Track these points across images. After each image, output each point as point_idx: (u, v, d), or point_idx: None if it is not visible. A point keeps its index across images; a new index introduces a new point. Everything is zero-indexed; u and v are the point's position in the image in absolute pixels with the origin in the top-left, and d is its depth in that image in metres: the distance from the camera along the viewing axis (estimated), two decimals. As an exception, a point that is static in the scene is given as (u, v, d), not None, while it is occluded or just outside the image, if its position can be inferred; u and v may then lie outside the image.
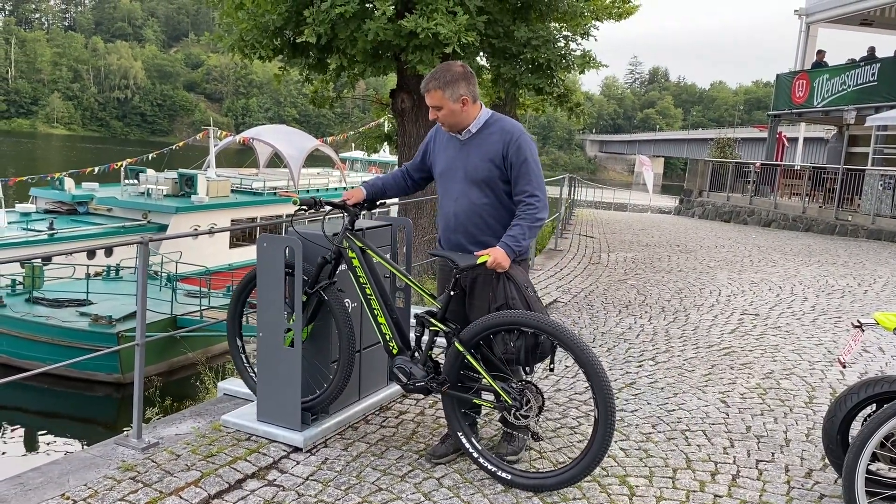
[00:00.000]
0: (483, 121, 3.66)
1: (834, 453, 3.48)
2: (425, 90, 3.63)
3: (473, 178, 3.63)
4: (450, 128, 3.69)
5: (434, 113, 3.65)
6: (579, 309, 7.43)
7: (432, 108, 3.65)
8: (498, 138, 3.60)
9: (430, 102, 3.64)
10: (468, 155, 3.65)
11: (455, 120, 3.63)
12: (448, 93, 3.57)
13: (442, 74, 3.60)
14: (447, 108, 3.59)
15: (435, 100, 3.60)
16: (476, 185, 3.63)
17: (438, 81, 3.58)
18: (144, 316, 3.89)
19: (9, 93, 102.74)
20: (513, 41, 9.21)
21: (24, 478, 3.40)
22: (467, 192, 3.65)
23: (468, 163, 3.64)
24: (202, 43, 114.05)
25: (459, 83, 3.58)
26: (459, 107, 3.59)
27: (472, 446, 3.53)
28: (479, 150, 3.62)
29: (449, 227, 3.74)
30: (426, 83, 3.63)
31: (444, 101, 3.58)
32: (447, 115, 3.62)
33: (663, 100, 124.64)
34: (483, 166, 3.60)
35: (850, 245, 13.75)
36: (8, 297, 14.13)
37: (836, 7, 20.09)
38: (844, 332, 6.63)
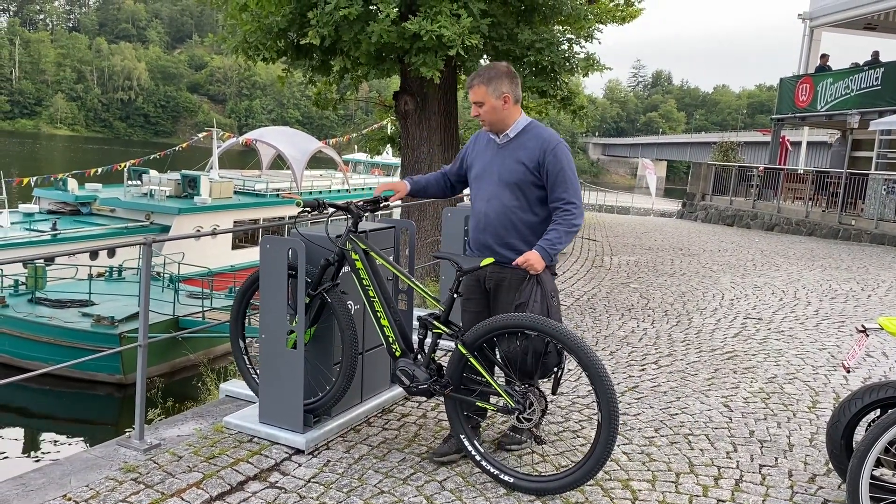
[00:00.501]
0: (522, 126, 3.71)
1: (838, 458, 3.47)
2: (469, 86, 3.71)
3: (507, 180, 3.66)
4: (490, 126, 3.72)
5: (476, 109, 3.70)
6: (582, 312, 7.42)
7: (474, 105, 3.70)
8: (535, 144, 3.64)
9: (472, 98, 3.70)
10: (504, 158, 3.69)
11: (496, 117, 3.67)
12: (491, 89, 3.62)
13: (486, 71, 3.70)
14: (489, 104, 3.64)
15: (478, 95, 3.66)
16: (508, 188, 3.67)
17: (482, 77, 3.66)
18: (147, 317, 3.89)
19: (13, 93, 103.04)
20: (516, 44, 9.21)
21: (26, 478, 3.40)
22: (499, 193, 3.68)
23: (503, 166, 3.69)
24: (206, 44, 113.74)
25: (503, 80, 3.64)
26: (501, 104, 3.64)
27: (474, 449, 3.52)
28: (515, 155, 3.66)
29: (479, 226, 3.77)
30: (471, 79, 3.72)
31: (486, 96, 3.63)
32: (489, 111, 3.66)
33: (666, 103, 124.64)
34: (517, 169, 3.64)
35: (854, 249, 13.73)
36: (11, 298, 14.14)
37: (839, 11, 20.07)
38: (848, 336, 6.61)
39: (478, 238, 3.78)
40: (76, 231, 18.71)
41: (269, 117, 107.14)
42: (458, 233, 5.50)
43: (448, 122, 10.35)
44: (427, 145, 10.09)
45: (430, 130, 10.09)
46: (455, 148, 10.58)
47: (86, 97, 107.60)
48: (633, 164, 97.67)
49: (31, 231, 18.23)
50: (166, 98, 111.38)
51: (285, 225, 13.31)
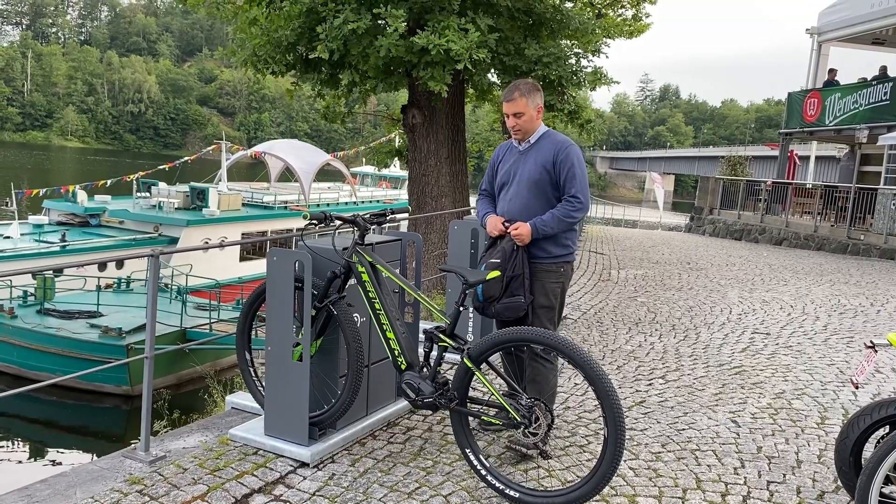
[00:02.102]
0: (540, 133, 4.10)
1: (846, 475, 3.44)
2: (509, 99, 4.01)
3: (527, 180, 4.02)
4: (523, 135, 4.07)
5: (514, 120, 4.03)
6: (589, 326, 7.40)
7: (512, 116, 4.02)
8: (550, 147, 4.02)
9: (512, 110, 4.01)
10: (525, 162, 4.07)
11: (529, 127, 4.05)
12: (530, 101, 3.99)
13: (524, 85, 4.04)
14: (528, 114, 4.00)
15: (519, 107, 3.99)
16: (528, 187, 4.02)
17: (522, 90, 4.00)
18: (154, 328, 3.90)
19: (24, 106, 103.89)
20: (524, 58, 9.23)
21: (32, 489, 3.40)
22: (521, 192, 4.04)
23: (524, 168, 4.06)
24: (215, 58, 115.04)
25: (537, 94, 4.05)
26: (535, 114, 4.03)
27: (479, 464, 3.51)
28: (534, 158, 4.03)
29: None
30: (510, 93, 4.02)
31: (526, 108, 3.99)
32: (526, 121, 4.02)
33: (674, 117, 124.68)
34: (536, 170, 4.00)
35: (863, 264, 13.66)
36: (19, 309, 14.20)
37: (847, 26, 20.08)
38: (857, 352, 6.57)
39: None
40: (85, 242, 18.79)
41: (278, 130, 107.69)
42: (464, 246, 5.50)
43: (456, 136, 10.38)
44: (434, 158, 10.12)
45: (438, 143, 10.11)
46: (462, 161, 10.60)
47: (96, 110, 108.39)
48: (641, 177, 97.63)
49: (40, 242, 18.32)
50: (176, 111, 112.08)
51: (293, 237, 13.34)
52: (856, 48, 21.82)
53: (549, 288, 4.03)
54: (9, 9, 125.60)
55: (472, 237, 5.46)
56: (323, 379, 3.90)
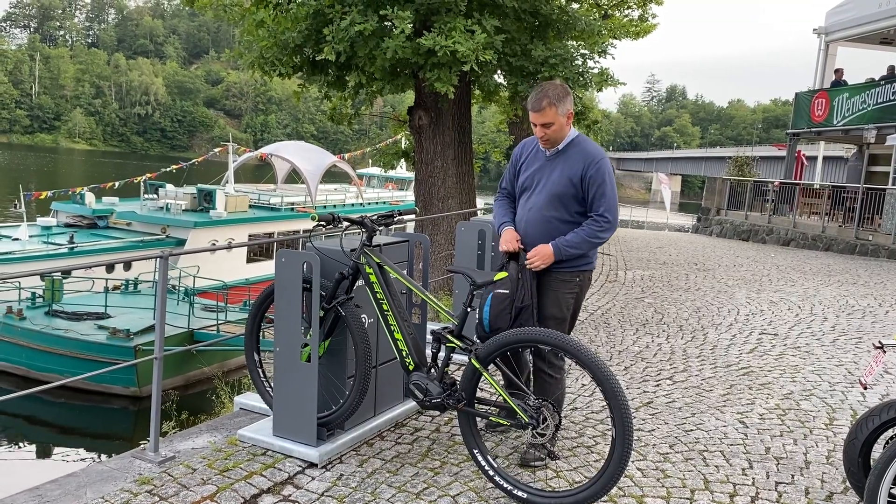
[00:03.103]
0: (570, 139, 3.78)
1: (855, 476, 3.43)
2: (538, 109, 3.67)
3: (550, 191, 3.78)
4: (552, 144, 3.77)
5: (542, 130, 3.72)
6: (596, 327, 7.40)
7: (541, 126, 3.71)
8: (580, 159, 3.74)
9: (541, 120, 3.69)
10: (552, 170, 3.80)
11: (560, 135, 3.75)
12: (560, 108, 3.67)
13: (553, 92, 3.68)
14: (558, 123, 3.69)
15: (549, 117, 3.67)
16: (550, 198, 3.78)
17: (551, 99, 3.66)
18: (163, 330, 3.92)
19: (32, 108, 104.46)
20: (530, 59, 9.24)
21: (42, 489, 3.42)
22: (542, 203, 3.80)
23: (550, 177, 3.80)
24: (222, 60, 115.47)
25: (567, 99, 3.71)
26: (565, 121, 3.72)
27: (487, 464, 3.51)
28: (562, 168, 3.77)
29: (525, 234, 3.86)
30: (538, 102, 3.66)
31: (556, 117, 3.67)
32: (556, 130, 3.71)
33: (681, 118, 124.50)
34: (562, 182, 3.75)
35: (871, 265, 13.61)
36: (28, 310, 14.27)
37: (855, 26, 20.00)
38: (865, 352, 6.55)
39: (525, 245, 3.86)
40: (93, 244, 18.88)
41: (285, 132, 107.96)
42: (471, 247, 5.50)
43: (462, 137, 10.39)
44: (441, 160, 10.13)
45: (444, 145, 10.12)
46: (469, 162, 10.60)
47: (104, 112, 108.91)
48: (648, 178, 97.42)
49: (48, 244, 18.42)
50: (183, 113, 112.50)
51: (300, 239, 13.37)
52: (863, 48, 21.74)
53: (562, 298, 3.84)
54: (17, 12, 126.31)
55: (478, 238, 5.47)
56: (331, 380, 3.91)
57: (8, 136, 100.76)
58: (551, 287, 3.82)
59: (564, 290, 3.84)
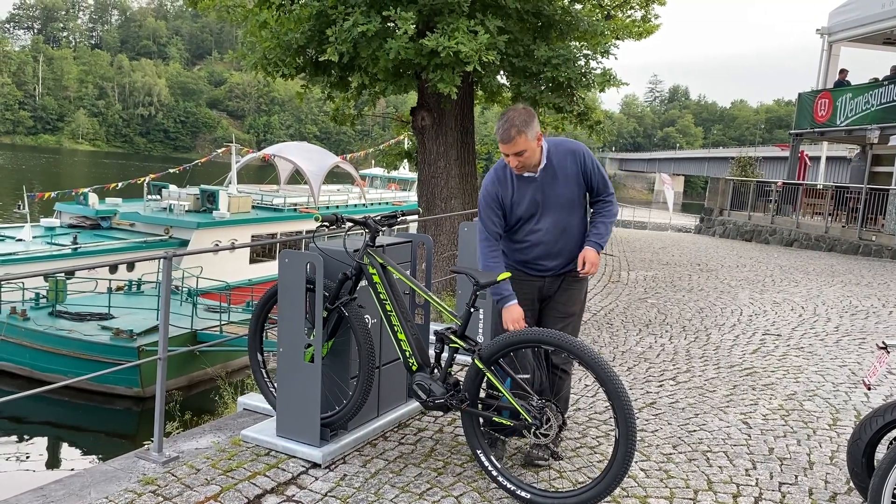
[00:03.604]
0: (546, 150, 3.73)
1: (859, 477, 3.43)
2: (507, 140, 3.58)
3: (564, 204, 3.77)
4: (528, 169, 3.71)
5: (516, 160, 3.64)
6: (599, 327, 7.40)
7: (514, 156, 3.63)
8: (571, 160, 3.76)
9: (514, 150, 3.61)
10: (550, 186, 3.75)
11: (534, 159, 3.68)
12: (530, 134, 3.60)
13: (519, 120, 3.59)
14: (529, 148, 3.62)
15: (520, 145, 3.59)
16: (567, 209, 3.79)
17: (519, 127, 3.57)
18: (167, 330, 3.93)
19: (36, 109, 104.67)
20: (533, 60, 9.23)
21: (47, 490, 3.43)
22: (562, 218, 3.78)
23: (553, 192, 3.76)
24: (225, 61, 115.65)
25: (533, 122, 3.63)
26: (536, 144, 3.66)
27: (490, 465, 3.52)
28: (559, 178, 3.75)
29: (550, 253, 3.82)
30: (507, 133, 3.57)
31: (527, 143, 3.60)
32: (529, 156, 3.65)
33: (683, 118, 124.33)
34: (569, 190, 3.77)
35: (874, 265, 13.58)
36: (32, 311, 14.30)
37: (858, 26, 19.97)
38: (869, 353, 6.54)
39: (546, 265, 3.84)
40: (96, 245, 18.91)
41: (288, 133, 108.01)
42: (474, 247, 5.48)
43: (465, 138, 10.39)
44: (444, 160, 10.13)
45: (447, 146, 10.12)
46: (472, 163, 10.60)
47: (107, 113, 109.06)
48: (651, 179, 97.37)
49: (52, 245, 18.45)
50: (186, 114, 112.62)
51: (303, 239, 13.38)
52: (867, 48, 21.70)
53: (582, 297, 3.98)
54: (20, 13, 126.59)
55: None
56: (334, 380, 3.92)
57: (11, 137, 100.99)
58: (576, 288, 3.92)
59: (584, 288, 4.00)
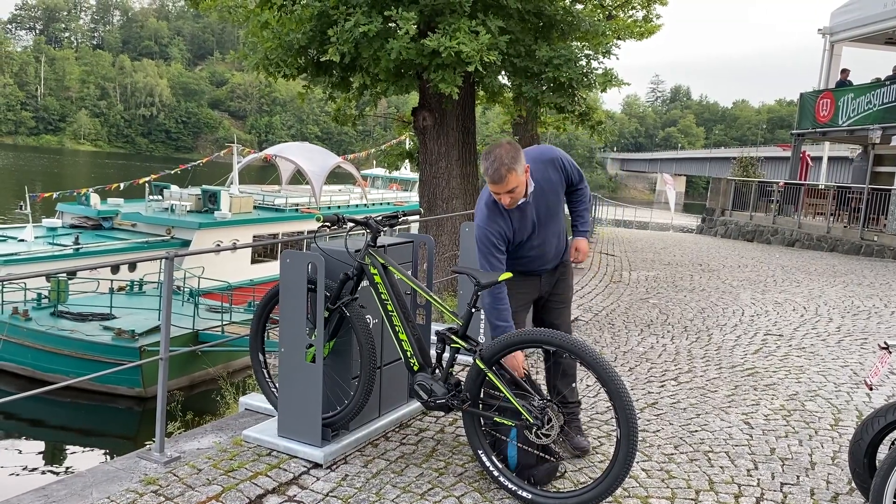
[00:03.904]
0: (530, 171, 3.70)
1: (860, 477, 3.42)
2: (501, 181, 3.54)
3: (554, 212, 3.91)
4: (517, 201, 3.67)
5: (508, 197, 3.61)
6: (601, 328, 7.39)
7: (506, 194, 3.59)
8: (552, 170, 3.85)
9: (505, 189, 3.58)
10: (542, 203, 3.83)
11: (523, 190, 3.67)
12: (519, 170, 3.58)
13: (508, 158, 3.54)
14: (520, 183, 3.61)
15: (512, 183, 3.57)
16: (556, 215, 3.93)
17: (509, 166, 3.53)
18: (168, 330, 3.93)
19: (38, 110, 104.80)
20: (534, 60, 9.23)
21: (48, 490, 3.44)
22: (554, 225, 3.93)
23: (545, 207, 3.85)
24: (227, 61, 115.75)
25: (519, 155, 3.59)
26: (524, 177, 3.64)
27: (492, 465, 3.51)
28: (546, 192, 3.83)
29: (547, 259, 3.99)
30: (498, 173, 3.52)
31: (518, 179, 3.58)
32: (520, 190, 3.64)
33: (685, 118, 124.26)
34: (556, 199, 3.90)
35: (876, 265, 13.57)
36: (34, 311, 14.31)
37: (860, 26, 19.95)
38: (871, 353, 6.53)
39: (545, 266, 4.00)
40: (98, 245, 18.92)
41: (289, 133, 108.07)
42: (475, 248, 5.49)
43: (466, 138, 10.39)
44: (445, 160, 10.13)
45: (449, 146, 10.13)
46: (473, 163, 10.59)
47: (109, 113, 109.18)
48: (652, 179, 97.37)
49: (54, 245, 18.46)
50: (187, 114, 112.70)
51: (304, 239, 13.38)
52: (869, 48, 21.68)
53: (572, 282, 4.23)
54: (22, 14, 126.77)
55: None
56: (336, 380, 3.92)
57: (13, 137, 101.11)
58: (566, 275, 4.10)
59: (571, 272, 4.20)
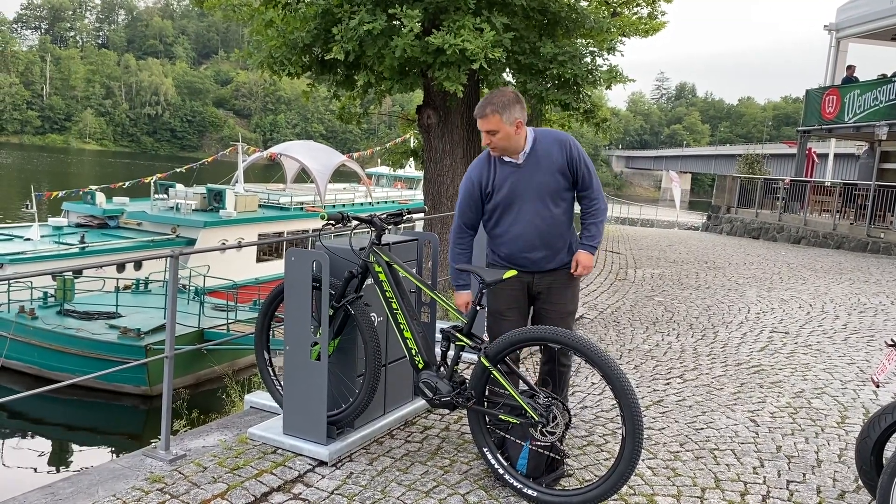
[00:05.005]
0: (532, 140, 3.73)
1: (867, 475, 3.41)
2: (481, 115, 3.65)
3: (546, 192, 3.73)
4: (502, 151, 3.72)
5: (488, 138, 3.67)
6: (606, 325, 7.38)
7: (486, 133, 3.67)
8: (558, 150, 3.72)
9: (485, 127, 3.66)
10: (532, 174, 3.72)
11: (508, 143, 3.68)
12: (505, 116, 3.61)
13: (498, 99, 3.65)
14: (503, 131, 3.63)
15: (492, 124, 3.63)
16: (549, 199, 3.74)
17: (495, 106, 3.62)
18: (174, 329, 3.93)
19: (43, 109, 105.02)
20: (539, 57, 9.22)
21: (55, 487, 3.45)
22: (542, 208, 3.74)
23: (534, 180, 3.72)
24: (231, 60, 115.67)
25: (514, 107, 3.64)
26: (514, 130, 3.65)
27: (497, 462, 3.51)
28: (542, 166, 3.71)
29: (531, 245, 3.77)
30: (482, 109, 3.65)
31: (500, 125, 3.62)
32: (502, 138, 3.65)
33: (690, 115, 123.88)
34: (552, 180, 3.72)
35: (883, 262, 13.52)
36: (40, 310, 14.37)
37: (866, 23, 19.87)
38: (877, 350, 6.51)
39: (528, 256, 3.80)
40: (104, 244, 18.98)
41: (294, 131, 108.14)
42: (480, 245, 5.49)
43: (471, 135, 10.39)
44: (450, 158, 10.13)
45: (453, 144, 10.12)
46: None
47: (114, 112, 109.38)
48: (657, 176, 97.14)
49: (60, 244, 18.52)
50: (192, 113, 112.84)
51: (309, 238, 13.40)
52: (875, 44, 21.60)
53: (576, 293, 3.99)
54: (28, 13, 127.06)
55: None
56: (341, 378, 3.92)
57: (19, 136, 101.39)
58: (565, 285, 3.87)
59: (577, 285, 3.98)
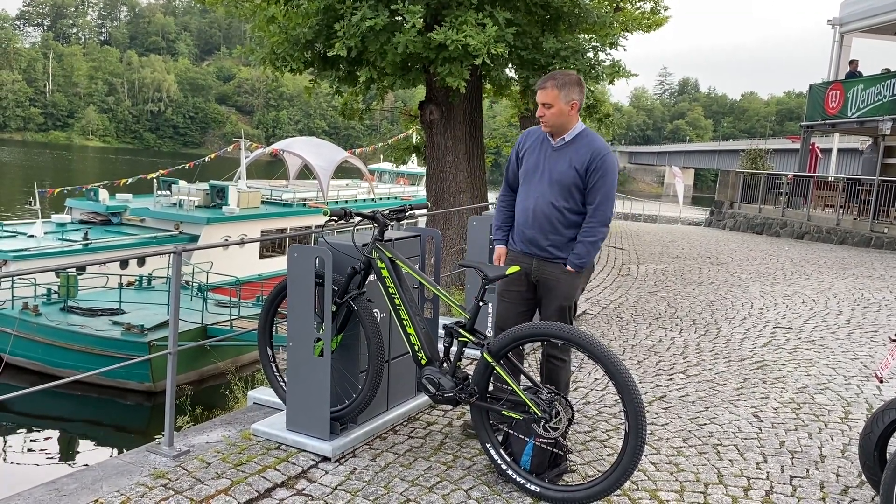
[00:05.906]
0: (577, 132, 3.82)
1: (871, 470, 3.41)
2: (541, 87, 3.77)
3: (557, 180, 3.79)
4: (551, 128, 3.82)
5: (542, 110, 3.78)
6: (609, 321, 7.38)
7: (542, 106, 3.77)
8: (587, 150, 3.77)
9: (542, 99, 3.76)
10: (557, 160, 3.81)
11: (560, 121, 3.78)
12: (563, 94, 3.73)
13: (560, 76, 3.80)
14: (558, 107, 3.74)
15: (549, 97, 3.74)
16: (558, 188, 3.79)
17: (557, 81, 3.75)
18: (177, 325, 3.94)
19: (46, 106, 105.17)
20: (541, 52, 9.20)
21: (59, 483, 3.46)
22: (548, 193, 3.80)
23: (555, 167, 3.81)
24: (234, 56, 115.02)
25: (574, 88, 3.76)
26: (568, 109, 3.75)
27: (500, 458, 3.52)
28: (567, 158, 3.79)
29: (526, 222, 3.87)
30: (545, 81, 3.78)
31: (557, 100, 3.73)
32: (555, 114, 3.75)
33: (693, 111, 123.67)
34: (568, 172, 3.77)
35: (887, 258, 13.49)
36: (44, 306, 14.39)
37: (870, 17, 19.79)
38: (881, 346, 6.50)
39: (524, 233, 3.90)
40: (107, 241, 19.00)
41: (296, 128, 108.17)
42: (483, 241, 5.50)
43: (473, 131, 10.38)
44: (452, 154, 10.12)
45: (456, 139, 10.11)
46: (480, 157, 10.58)
47: (117, 109, 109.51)
48: (660, 172, 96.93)
49: (63, 241, 18.54)
50: (195, 109, 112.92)
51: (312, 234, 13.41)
52: (879, 39, 21.51)
53: (571, 289, 3.84)
54: (30, 10, 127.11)
55: (490, 233, 5.45)
56: (344, 374, 3.92)
57: (22, 133, 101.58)
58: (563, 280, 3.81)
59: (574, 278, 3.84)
